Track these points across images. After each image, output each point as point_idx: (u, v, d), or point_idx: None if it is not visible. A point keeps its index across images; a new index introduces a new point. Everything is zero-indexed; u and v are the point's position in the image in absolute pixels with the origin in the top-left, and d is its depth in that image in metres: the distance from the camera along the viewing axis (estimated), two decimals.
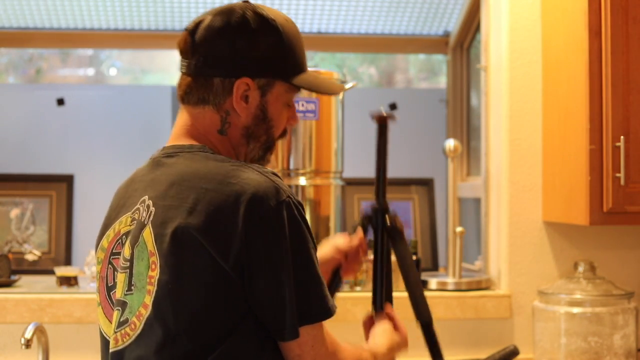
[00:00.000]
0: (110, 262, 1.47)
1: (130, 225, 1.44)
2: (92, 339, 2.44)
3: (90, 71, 3.86)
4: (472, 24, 3.23)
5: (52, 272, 2.74)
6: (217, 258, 1.33)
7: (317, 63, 3.89)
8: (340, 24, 3.33)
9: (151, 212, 1.41)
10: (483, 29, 2.83)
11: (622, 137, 2.23)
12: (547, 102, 2.56)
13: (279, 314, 1.34)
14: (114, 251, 1.47)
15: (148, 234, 1.39)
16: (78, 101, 3.45)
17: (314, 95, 2.55)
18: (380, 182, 1.86)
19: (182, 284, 1.34)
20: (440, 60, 3.54)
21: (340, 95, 2.61)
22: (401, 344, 1.74)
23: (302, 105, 2.54)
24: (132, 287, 1.40)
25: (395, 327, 1.76)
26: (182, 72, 1.51)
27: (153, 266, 1.38)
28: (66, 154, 3.38)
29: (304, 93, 2.55)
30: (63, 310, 2.43)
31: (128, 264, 1.41)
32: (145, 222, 1.41)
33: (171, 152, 1.48)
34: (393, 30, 3.37)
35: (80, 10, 3.16)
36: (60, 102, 3.41)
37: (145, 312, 1.37)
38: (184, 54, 1.50)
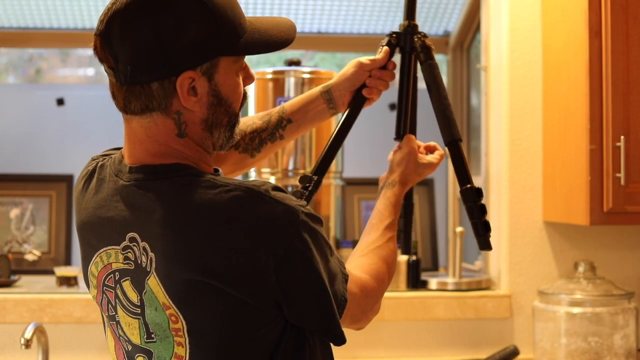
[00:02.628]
0: (104, 292, 1.37)
1: (124, 264, 1.32)
2: (92, 339, 2.44)
3: (90, 71, 3.86)
4: (472, 24, 3.23)
5: (52, 272, 2.74)
6: (246, 299, 1.25)
7: (317, 63, 3.89)
8: (340, 24, 3.33)
9: (151, 258, 1.27)
10: (483, 29, 2.83)
11: (622, 137, 2.23)
12: (547, 102, 2.56)
13: (327, 325, 1.30)
14: (106, 283, 1.36)
15: (155, 285, 1.27)
16: (78, 101, 3.45)
17: None
18: None
19: (216, 332, 1.27)
20: (440, 60, 3.54)
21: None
22: (422, 167, 1.67)
23: None
24: (153, 336, 1.31)
25: (421, 147, 1.71)
26: (111, 80, 1.32)
27: (174, 319, 1.27)
28: (66, 154, 3.38)
29: (304, 92, 2.54)
30: (63, 310, 2.42)
31: (139, 310, 1.31)
32: (149, 270, 1.27)
33: (144, 178, 1.31)
34: (393, 30, 3.36)
35: (80, 10, 3.16)
36: (60, 102, 3.41)
37: None
38: (104, 61, 1.30)
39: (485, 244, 1.68)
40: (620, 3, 2.24)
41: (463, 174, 1.70)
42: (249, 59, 1.40)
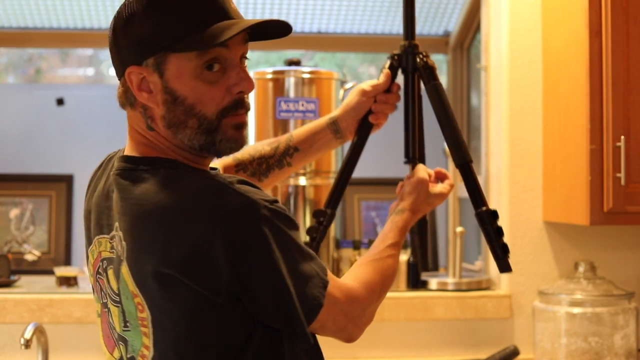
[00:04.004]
0: (97, 280, 1.42)
1: (110, 253, 1.37)
2: (91, 339, 2.44)
3: (90, 71, 3.86)
4: (472, 23, 3.22)
5: (51, 272, 2.74)
6: (207, 294, 1.26)
7: (317, 63, 3.89)
8: (340, 24, 3.32)
9: (124, 247, 1.31)
10: (483, 29, 2.83)
11: (622, 137, 2.23)
12: (548, 102, 2.55)
13: (289, 325, 1.30)
14: (99, 271, 1.41)
15: (126, 273, 1.31)
16: (78, 101, 3.45)
17: (314, 94, 2.55)
18: (409, 18, 1.73)
19: (178, 325, 1.29)
20: (440, 60, 3.54)
21: (341, 92, 2.61)
22: (433, 197, 1.66)
23: (302, 105, 2.53)
24: (128, 325, 1.35)
25: (432, 177, 1.69)
26: None
27: (140, 307, 1.31)
28: (66, 154, 3.38)
29: (304, 92, 2.55)
30: (63, 311, 2.42)
31: (118, 298, 1.35)
32: (122, 258, 1.32)
33: (125, 168, 1.36)
34: (393, 30, 3.36)
35: (80, 10, 3.16)
36: (60, 102, 3.41)
37: (149, 354, 1.32)
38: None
39: (505, 267, 1.65)
40: (621, 3, 2.23)
41: (477, 196, 1.68)
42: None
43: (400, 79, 1.76)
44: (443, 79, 3.48)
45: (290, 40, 3.37)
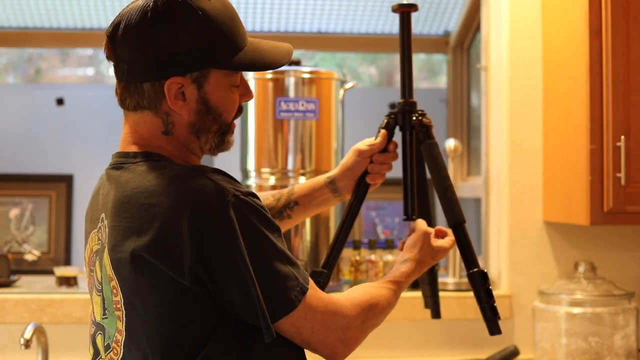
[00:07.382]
0: (90, 276, 1.45)
1: (98, 245, 1.41)
2: None
3: (90, 71, 3.86)
4: (472, 23, 3.23)
5: (51, 272, 2.74)
6: (174, 276, 1.28)
7: (317, 63, 3.89)
8: (340, 24, 3.33)
9: (107, 233, 1.37)
10: (483, 29, 2.83)
11: (622, 137, 2.22)
12: (548, 102, 2.55)
13: (255, 317, 1.30)
14: (90, 267, 1.44)
15: (107, 258, 1.36)
16: (77, 101, 3.45)
17: (314, 94, 2.55)
18: (406, 77, 1.76)
19: (147, 308, 1.31)
20: (440, 60, 3.54)
21: (340, 95, 2.61)
22: (436, 250, 1.69)
23: (302, 105, 2.53)
24: (106, 312, 1.39)
25: (432, 234, 1.72)
26: (116, 77, 1.43)
27: (115, 291, 1.36)
28: (66, 154, 3.38)
29: (304, 92, 2.55)
30: (62, 311, 2.42)
31: (101, 287, 1.40)
32: (105, 245, 1.37)
33: (117, 164, 1.42)
34: (393, 30, 3.36)
35: (80, 10, 3.16)
36: (60, 102, 3.42)
37: (121, 337, 1.36)
38: (110, 59, 1.42)
39: (494, 329, 1.67)
40: (621, 3, 2.23)
41: (469, 258, 1.71)
42: None
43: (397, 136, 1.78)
44: (443, 79, 3.48)
45: (290, 40, 3.37)
